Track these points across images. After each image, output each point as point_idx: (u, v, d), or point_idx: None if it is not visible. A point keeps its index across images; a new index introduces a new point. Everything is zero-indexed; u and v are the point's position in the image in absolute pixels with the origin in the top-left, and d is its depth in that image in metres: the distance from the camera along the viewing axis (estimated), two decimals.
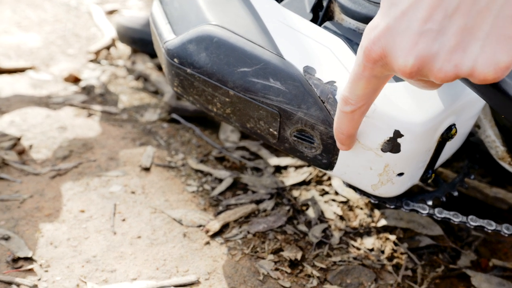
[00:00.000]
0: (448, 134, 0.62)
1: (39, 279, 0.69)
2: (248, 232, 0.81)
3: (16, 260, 0.72)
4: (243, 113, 0.69)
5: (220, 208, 0.85)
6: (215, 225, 0.80)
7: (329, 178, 0.94)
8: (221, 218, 0.82)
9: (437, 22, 0.39)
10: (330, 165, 0.67)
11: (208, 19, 0.70)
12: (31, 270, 0.71)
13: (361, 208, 0.88)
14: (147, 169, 0.92)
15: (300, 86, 0.63)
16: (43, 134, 0.99)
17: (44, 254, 0.73)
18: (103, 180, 0.88)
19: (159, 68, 1.28)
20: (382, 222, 0.85)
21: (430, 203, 0.73)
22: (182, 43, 0.70)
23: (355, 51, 0.64)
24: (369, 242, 0.81)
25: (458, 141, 0.72)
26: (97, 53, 1.34)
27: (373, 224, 0.85)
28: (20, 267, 0.71)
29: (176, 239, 0.78)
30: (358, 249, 0.80)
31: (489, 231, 0.70)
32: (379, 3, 0.66)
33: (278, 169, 0.96)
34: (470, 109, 0.65)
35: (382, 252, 0.80)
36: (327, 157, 0.66)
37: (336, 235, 0.82)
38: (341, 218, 0.86)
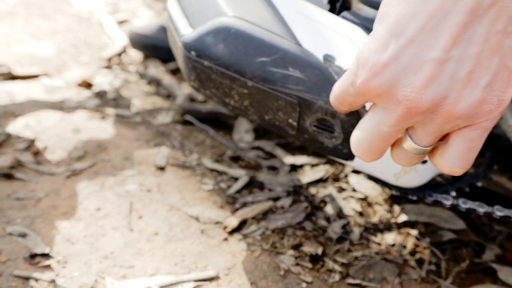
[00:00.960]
0: None
1: (57, 275, 0.68)
2: (267, 228, 0.79)
3: (33, 256, 0.71)
4: (261, 105, 0.68)
5: (237, 205, 0.84)
6: (233, 221, 0.79)
7: (346, 176, 0.93)
8: (238, 215, 0.81)
9: (460, 48, 0.35)
10: (351, 155, 0.66)
11: (225, 11, 0.69)
12: (48, 266, 0.70)
13: (380, 205, 0.86)
14: (162, 169, 0.92)
15: (320, 73, 0.63)
16: (58, 136, 0.99)
17: (61, 250, 0.72)
18: (119, 179, 0.88)
19: (172, 72, 1.28)
20: (403, 218, 0.83)
21: (453, 194, 0.71)
22: (200, 35, 0.70)
23: None
24: (390, 237, 0.80)
25: None
26: (109, 59, 1.34)
27: (393, 220, 0.83)
28: (38, 263, 0.70)
29: (194, 236, 0.77)
30: (379, 244, 0.78)
31: None
32: None
33: (294, 168, 0.95)
34: None
35: (404, 247, 0.78)
36: (347, 146, 0.65)
37: (356, 231, 0.80)
38: (360, 214, 0.84)
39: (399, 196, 0.89)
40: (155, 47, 1.30)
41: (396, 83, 0.37)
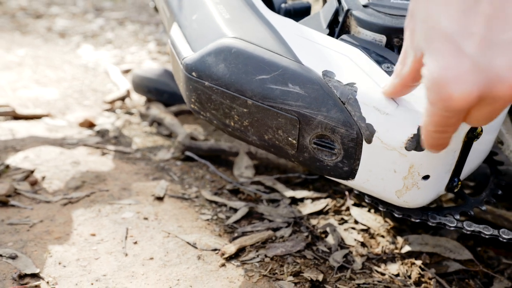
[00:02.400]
0: (474, 132, 0.61)
1: None
2: (266, 256, 0.77)
3: (22, 276, 0.68)
4: (261, 124, 0.68)
5: (236, 234, 0.82)
6: (231, 248, 0.77)
7: (348, 209, 0.91)
8: (237, 242, 0.78)
9: None
10: (352, 173, 0.65)
11: (226, 33, 0.71)
12: (37, 286, 0.67)
13: (383, 236, 0.84)
14: (160, 199, 0.90)
15: (319, 88, 0.63)
16: (56, 168, 0.98)
17: (51, 272, 0.70)
18: (115, 208, 0.86)
19: (174, 114, 1.29)
20: (406, 248, 0.80)
21: (457, 216, 0.70)
22: (201, 56, 0.72)
23: (372, 58, 0.65)
24: (394, 267, 0.77)
25: (484, 148, 0.70)
26: (112, 103, 1.36)
27: (396, 251, 0.80)
28: (27, 283, 0.67)
29: (190, 261, 0.74)
30: (383, 274, 0.75)
31: None
32: (394, 14, 0.67)
33: (295, 201, 0.93)
34: None
35: (409, 277, 0.75)
36: (348, 163, 0.64)
37: (358, 260, 0.78)
38: (363, 244, 0.82)
39: (401, 218, 0.87)
40: (158, 90, 1.32)
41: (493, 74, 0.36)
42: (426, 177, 0.62)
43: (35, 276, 0.68)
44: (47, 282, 0.67)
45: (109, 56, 1.82)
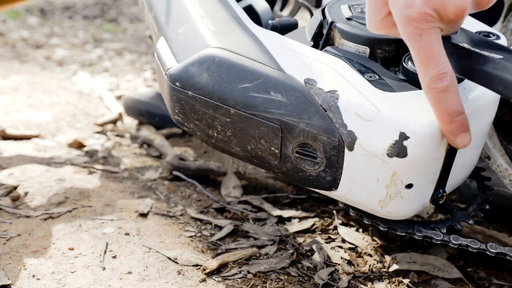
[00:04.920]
0: None
1: None
2: (249, 272, 0.74)
3: None
4: (244, 133, 0.67)
5: (219, 251, 0.80)
6: (212, 263, 0.74)
7: (335, 228, 0.89)
8: (219, 258, 0.76)
9: None
10: (335, 183, 0.64)
11: (210, 43, 0.71)
12: None
13: (370, 255, 0.81)
14: (144, 215, 0.88)
15: (301, 96, 0.63)
16: (40, 184, 0.96)
17: (24, 284, 0.67)
18: (97, 223, 0.84)
19: (165, 137, 1.28)
20: (394, 267, 0.78)
21: (444, 230, 0.68)
22: (185, 66, 0.72)
23: (355, 68, 0.64)
24: (381, 286, 0.74)
25: (468, 163, 0.68)
26: (103, 125, 1.36)
27: (384, 269, 0.78)
28: None
29: (170, 276, 0.72)
30: None
31: None
32: None
33: (282, 220, 0.91)
34: (479, 118, 0.63)
35: None
36: (331, 172, 0.63)
37: (344, 278, 0.75)
38: (349, 263, 0.79)
39: (387, 231, 0.85)
40: (149, 113, 1.32)
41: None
42: (409, 186, 0.61)
43: (5, 287, 0.66)
44: None
45: (105, 83, 1.83)
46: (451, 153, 0.61)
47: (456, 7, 0.47)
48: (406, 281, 0.75)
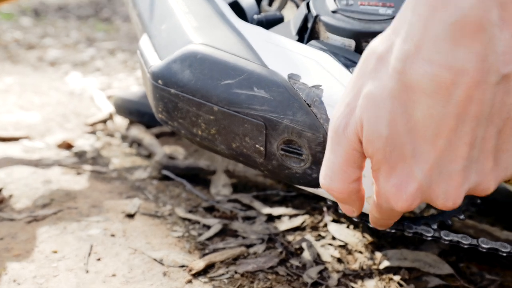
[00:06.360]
0: None
1: None
2: (236, 272, 0.73)
3: None
4: (228, 131, 0.66)
5: (207, 251, 0.78)
6: (199, 264, 0.73)
7: (326, 225, 0.87)
8: (206, 258, 0.74)
9: (477, 150, 0.39)
10: None
11: (193, 40, 0.70)
12: None
13: (361, 252, 0.80)
14: (131, 216, 0.87)
15: (285, 91, 0.61)
16: (26, 186, 0.95)
17: None
18: (82, 225, 0.82)
19: (155, 136, 1.27)
20: (385, 264, 0.76)
21: (435, 226, 0.66)
22: (167, 63, 0.70)
23: (341, 62, 0.63)
24: (371, 283, 0.73)
25: None
26: (94, 125, 1.34)
27: (374, 267, 0.76)
28: None
29: (155, 278, 0.70)
30: None
31: (504, 254, 0.63)
32: (362, 19, 0.66)
33: (272, 218, 0.90)
34: None
35: None
36: (316, 169, 0.62)
37: (334, 276, 0.74)
38: (339, 260, 0.78)
39: (381, 233, 0.83)
40: (139, 112, 1.31)
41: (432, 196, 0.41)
42: None
43: None
44: None
45: (97, 83, 1.81)
46: None
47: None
48: (397, 278, 0.73)
